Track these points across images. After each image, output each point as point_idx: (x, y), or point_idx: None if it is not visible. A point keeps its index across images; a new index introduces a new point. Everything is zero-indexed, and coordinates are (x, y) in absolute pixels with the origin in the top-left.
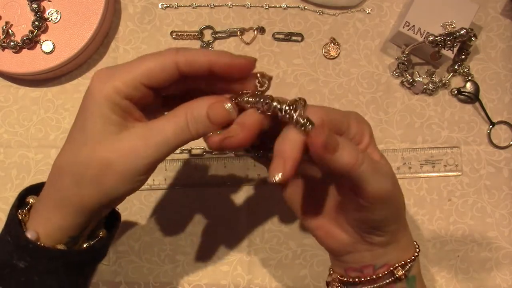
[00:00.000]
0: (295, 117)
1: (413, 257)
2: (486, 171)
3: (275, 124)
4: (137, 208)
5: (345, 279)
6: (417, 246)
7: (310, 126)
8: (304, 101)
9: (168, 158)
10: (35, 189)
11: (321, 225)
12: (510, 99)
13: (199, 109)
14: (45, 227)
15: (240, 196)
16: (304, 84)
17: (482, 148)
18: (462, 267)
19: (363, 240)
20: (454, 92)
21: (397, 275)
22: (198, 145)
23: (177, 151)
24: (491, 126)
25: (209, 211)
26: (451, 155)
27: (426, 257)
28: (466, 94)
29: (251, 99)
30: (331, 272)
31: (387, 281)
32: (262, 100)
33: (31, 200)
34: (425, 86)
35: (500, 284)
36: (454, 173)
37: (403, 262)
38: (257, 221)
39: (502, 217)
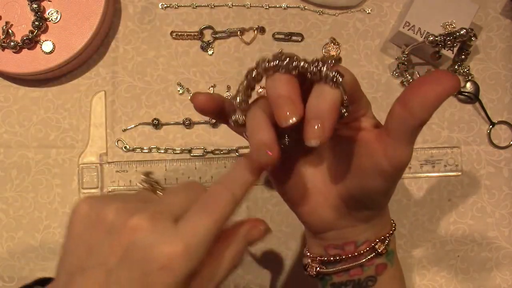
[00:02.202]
0: (324, 71)
1: (391, 232)
2: (486, 171)
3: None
4: None
5: (325, 258)
6: (393, 221)
7: (340, 79)
8: (340, 58)
9: (168, 158)
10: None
11: (306, 200)
12: (510, 99)
13: (240, 246)
14: None
15: None
16: None
17: (482, 148)
18: (462, 267)
19: (349, 215)
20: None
21: (378, 250)
22: (198, 145)
23: (177, 151)
24: (491, 126)
25: None
26: (451, 155)
27: (426, 257)
28: (466, 94)
29: (274, 63)
30: (308, 253)
31: (369, 257)
32: (288, 60)
33: None
34: None
35: (500, 284)
36: (454, 173)
37: (382, 237)
38: None
39: (502, 217)
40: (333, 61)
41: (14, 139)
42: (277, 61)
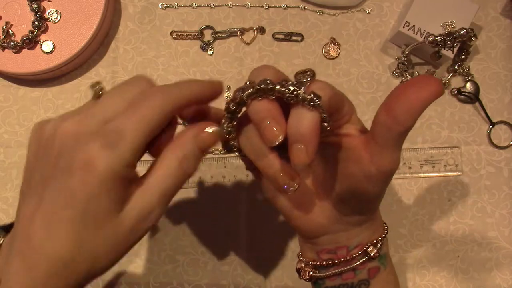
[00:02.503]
0: (301, 94)
1: (383, 235)
2: (486, 171)
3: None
4: None
5: (318, 262)
6: (385, 224)
7: (318, 101)
8: (312, 72)
9: None
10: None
11: (298, 206)
12: (510, 99)
13: (187, 146)
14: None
15: (240, 196)
16: None
17: (482, 148)
18: (462, 267)
19: (341, 220)
20: (454, 92)
21: (371, 254)
22: None
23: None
24: (491, 126)
25: (209, 211)
26: (451, 155)
27: (426, 257)
28: (466, 94)
29: (250, 91)
30: (301, 258)
31: (361, 261)
32: (263, 87)
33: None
34: None
35: (500, 284)
36: (454, 173)
37: (374, 241)
38: (257, 221)
39: (502, 217)
40: (309, 79)
41: (14, 139)
42: (252, 89)
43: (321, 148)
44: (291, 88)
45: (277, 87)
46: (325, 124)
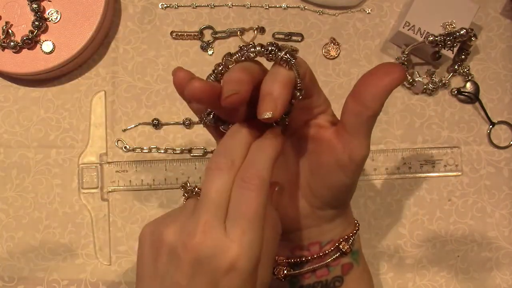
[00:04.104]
0: (278, 54)
1: (355, 231)
2: (486, 171)
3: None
4: (137, 208)
5: (291, 260)
6: (356, 221)
7: (293, 61)
8: (293, 48)
9: (168, 158)
10: None
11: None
12: (510, 99)
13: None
14: None
15: None
16: None
17: (482, 148)
18: (462, 267)
19: (313, 215)
20: (454, 92)
21: (343, 250)
22: (198, 145)
23: (177, 151)
24: (491, 126)
25: None
26: (451, 155)
27: (426, 257)
28: (466, 94)
29: (235, 55)
30: (276, 257)
31: (334, 257)
32: (245, 49)
33: None
34: (425, 86)
35: (500, 284)
36: (454, 173)
37: (346, 237)
38: None
39: (502, 217)
40: (291, 50)
41: (14, 139)
42: (238, 53)
43: (294, 141)
44: (270, 48)
45: (258, 48)
46: (297, 93)
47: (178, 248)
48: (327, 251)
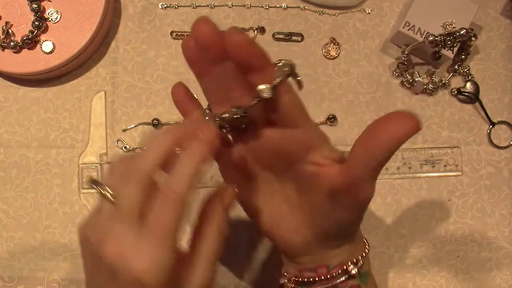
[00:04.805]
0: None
1: (364, 254)
2: (486, 171)
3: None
4: None
5: (300, 279)
6: (366, 243)
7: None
8: (290, 68)
9: None
10: None
11: (276, 228)
12: (510, 99)
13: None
14: None
15: None
16: (304, 84)
17: (482, 148)
18: (462, 267)
19: (319, 243)
20: (454, 92)
21: (351, 273)
22: None
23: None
24: (491, 126)
25: None
26: (451, 155)
27: (426, 257)
28: (466, 94)
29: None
30: (284, 273)
31: (341, 279)
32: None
33: None
34: (425, 86)
35: (500, 284)
36: (454, 173)
37: (355, 260)
38: None
39: (502, 217)
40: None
41: (14, 139)
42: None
43: (296, 177)
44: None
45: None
46: (265, 90)
47: (98, 251)
48: (334, 274)
